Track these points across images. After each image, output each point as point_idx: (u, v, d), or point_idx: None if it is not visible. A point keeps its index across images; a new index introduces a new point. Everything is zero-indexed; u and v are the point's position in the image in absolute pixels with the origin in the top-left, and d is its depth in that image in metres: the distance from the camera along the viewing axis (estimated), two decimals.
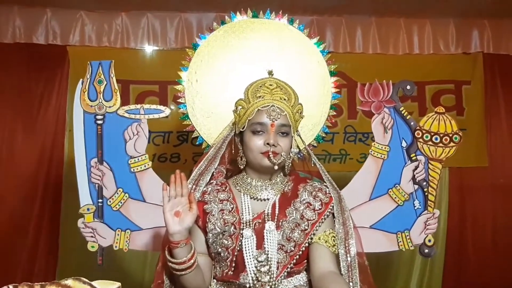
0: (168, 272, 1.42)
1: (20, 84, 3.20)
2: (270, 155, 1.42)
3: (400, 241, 1.84)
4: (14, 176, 3.18)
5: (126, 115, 1.76)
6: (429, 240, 1.84)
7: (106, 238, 1.73)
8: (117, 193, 1.75)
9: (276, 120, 1.43)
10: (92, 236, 1.72)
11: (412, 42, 3.49)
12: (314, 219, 1.47)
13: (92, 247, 1.73)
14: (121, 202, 1.75)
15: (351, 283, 1.45)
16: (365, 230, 1.81)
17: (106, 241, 1.73)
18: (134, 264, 2.81)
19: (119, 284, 1.16)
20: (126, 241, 1.74)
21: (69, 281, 1.14)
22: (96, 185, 1.74)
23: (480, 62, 3.55)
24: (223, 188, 1.52)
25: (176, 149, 3.24)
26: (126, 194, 1.75)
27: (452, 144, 1.86)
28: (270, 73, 1.57)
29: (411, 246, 1.84)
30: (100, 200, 1.74)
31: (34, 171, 3.16)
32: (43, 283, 1.14)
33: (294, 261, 1.43)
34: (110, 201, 1.74)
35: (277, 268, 1.41)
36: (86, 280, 1.15)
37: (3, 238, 3.02)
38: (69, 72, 3.13)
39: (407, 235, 1.84)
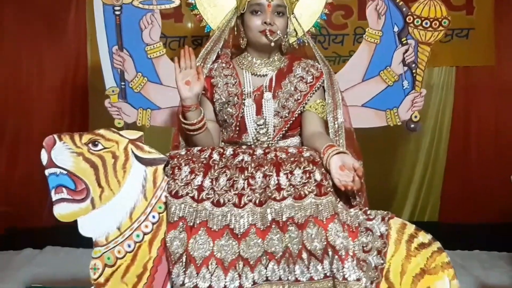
0: (183, 135, 1.69)
1: None
2: (267, 33, 1.62)
3: (389, 118, 2.06)
4: (44, 87, 3.42)
5: (141, 6, 1.97)
6: (415, 116, 2.05)
7: (130, 116, 2.02)
8: (137, 77, 2.00)
9: (272, 0, 1.61)
10: (118, 114, 2.00)
11: None
12: (306, 91, 1.69)
13: (119, 123, 2.02)
14: (141, 85, 2.01)
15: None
16: (357, 108, 2.03)
17: (130, 119, 2.02)
18: (156, 139, 3.10)
19: (141, 133, 1.44)
20: (148, 119, 2.02)
21: (101, 131, 1.44)
22: (118, 69, 1.99)
23: None
24: (228, 66, 1.74)
25: None
26: (145, 78, 2.01)
27: (441, 28, 2.00)
28: None
29: (398, 122, 2.06)
30: (122, 83, 2.00)
31: (62, 79, 3.40)
32: (81, 132, 1.43)
33: (288, 125, 1.68)
34: (131, 84, 2.00)
35: (274, 131, 1.67)
36: (115, 130, 1.44)
37: (39, 136, 3.33)
38: None
39: (395, 112, 2.05)
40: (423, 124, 3.54)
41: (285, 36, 1.70)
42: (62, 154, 1.40)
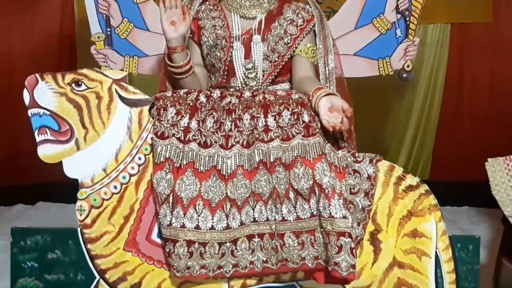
0: (170, 79, 1.65)
1: None
2: None
3: (381, 67, 2.01)
4: (30, 37, 3.34)
5: None
6: (408, 66, 2.01)
7: (116, 64, 1.96)
8: (123, 23, 1.94)
9: None
10: (104, 62, 1.95)
11: None
12: (296, 34, 1.65)
13: (105, 70, 1.96)
14: (127, 31, 1.94)
15: None
16: (349, 57, 1.98)
17: (117, 66, 1.96)
18: (144, 87, 3.07)
19: (126, 73, 1.41)
20: (135, 66, 1.97)
21: (84, 70, 1.40)
22: (104, 15, 1.92)
23: None
24: (215, 8, 1.68)
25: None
26: (131, 24, 1.94)
27: None
28: None
29: (390, 71, 2.01)
30: (108, 29, 1.93)
31: (48, 29, 3.31)
32: (63, 72, 1.39)
33: (278, 70, 1.65)
34: (117, 30, 1.94)
35: (263, 76, 1.63)
36: (99, 70, 1.40)
37: None
38: None
39: (388, 61, 2.00)
40: (416, 82, 3.56)
41: None
42: (44, 94, 1.36)
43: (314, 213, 1.31)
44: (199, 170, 1.34)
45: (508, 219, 1.62)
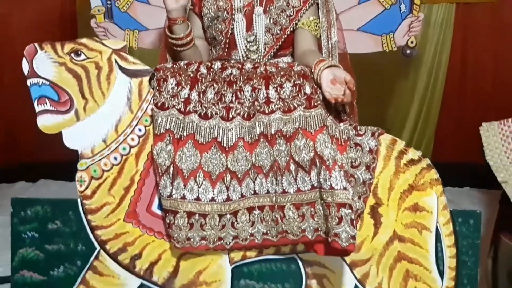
0: (171, 52, 1.63)
1: None
2: None
3: (385, 43, 2.00)
4: (29, 12, 3.30)
5: None
6: (412, 42, 2.00)
7: (117, 37, 1.96)
8: None
9: None
10: (104, 35, 1.94)
11: None
12: (299, 6, 1.62)
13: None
14: (128, 4, 1.93)
15: None
16: (352, 32, 1.96)
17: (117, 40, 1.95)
18: (144, 61, 3.04)
19: (125, 43, 1.39)
20: (135, 40, 1.96)
21: (84, 40, 1.38)
22: None
23: None
24: None
25: None
26: None
27: None
28: None
29: (394, 47, 2.00)
30: (109, 2, 1.92)
31: (49, 4, 3.28)
32: (62, 41, 1.37)
33: (280, 43, 1.63)
34: (117, 3, 1.93)
35: (265, 49, 1.61)
36: (98, 39, 1.38)
37: None
38: None
39: (391, 37, 1.98)
40: (420, 62, 3.52)
41: None
42: (44, 63, 1.35)
43: (315, 185, 1.30)
44: (200, 142, 1.33)
45: (501, 185, 1.59)
